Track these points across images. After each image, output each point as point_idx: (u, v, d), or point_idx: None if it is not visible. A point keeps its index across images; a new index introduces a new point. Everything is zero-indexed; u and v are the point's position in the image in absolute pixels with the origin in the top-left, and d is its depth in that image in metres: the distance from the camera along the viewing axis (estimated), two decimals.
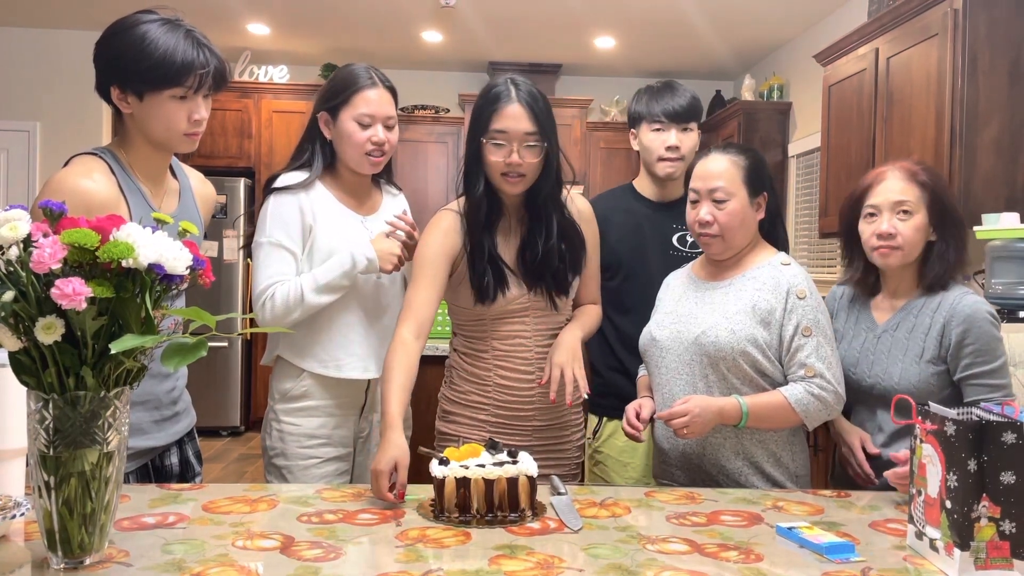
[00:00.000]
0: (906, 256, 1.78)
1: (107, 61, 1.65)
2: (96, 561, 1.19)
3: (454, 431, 1.97)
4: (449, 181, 6.67)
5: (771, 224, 1.93)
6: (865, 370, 1.82)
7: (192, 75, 1.63)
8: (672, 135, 2.23)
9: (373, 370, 2.03)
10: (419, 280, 1.88)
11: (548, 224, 1.91)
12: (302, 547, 1.29)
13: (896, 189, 1.79)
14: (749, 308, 1.80)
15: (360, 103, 1.96)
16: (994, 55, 3.25)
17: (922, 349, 1.75)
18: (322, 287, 1.92)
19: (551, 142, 1.87)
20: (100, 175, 1.63)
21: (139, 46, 1.60)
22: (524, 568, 1.22)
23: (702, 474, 1.84)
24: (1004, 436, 1.23)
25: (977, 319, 1.72)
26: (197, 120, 1.68)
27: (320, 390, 2.00)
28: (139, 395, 1.69)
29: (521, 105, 1.84)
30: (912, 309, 1.80)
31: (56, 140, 6.13)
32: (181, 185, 1.83)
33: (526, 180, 1.86)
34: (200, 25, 1.73)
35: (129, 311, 1.14)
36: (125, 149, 1.71)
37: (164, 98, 1.64)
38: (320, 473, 2.00)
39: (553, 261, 1.91)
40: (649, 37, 5.94)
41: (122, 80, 1.64)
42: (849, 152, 4.15)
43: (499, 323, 1.92)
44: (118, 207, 1.61)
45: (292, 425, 2.00)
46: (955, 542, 1.24)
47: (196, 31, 1.67)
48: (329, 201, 2.02)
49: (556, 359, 1.86)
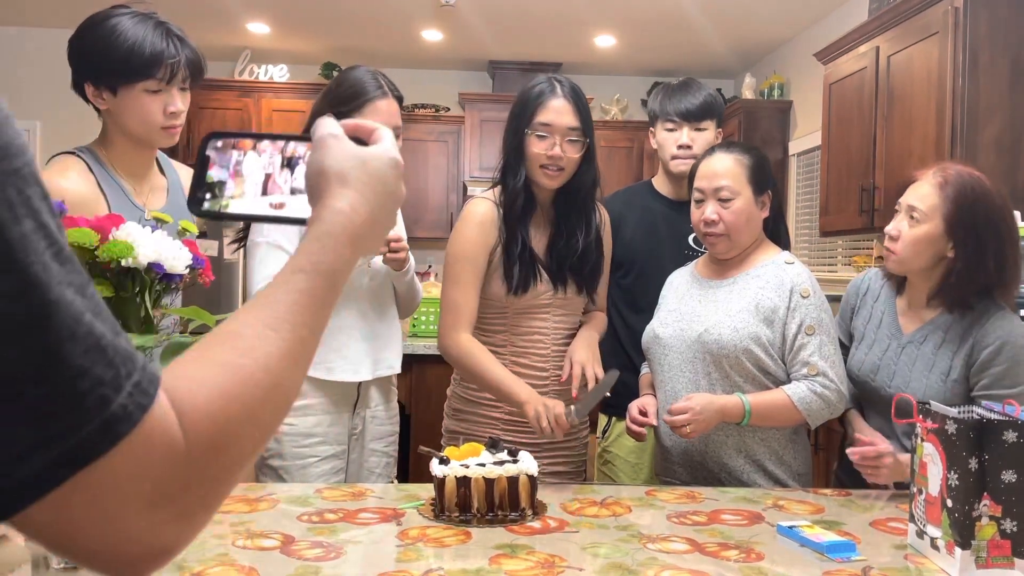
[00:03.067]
0: (900, 263, 1.72)
1: (79, 57, 1.64)
2: None
3: (465, 429, 1.97)
4: (449, 179, 6.67)
5: (774, 223, 1.93)
6: (886, 379, 1.76)
7: (162, 66, 1.60)
8: (684, 134, 2.22)
9: (363, 372, 2.04)
10: (462, 280, 1.90)
11: (588, 220, 1.96)
12: (302, 546, 1.29)
13: (918, 193, 1.70)
14: (752, 306, 1.79)
15: (371, 114, 1.93)
16: (995, 53, 3.25)
17: (949, 368, 1.68)
18: None
19: (591, 139, 1.92)
20: (75, 173, 1.63)
21: (108, 39, 1.58)
22: (525, 567, 1.22)
23: (704, 472, 1.84)
24: (1005, 435, 1.23)
25: (1010, 343, 1.63)
26: (173, 112, 1.66)
27: (313, 389, 2.01)
28: None
29: (566, 100, 1.88)
30: (941, 325, 1.72)
31: (56, 140, 6.11)
32: (169, 181, 1.81)
33: (564, 174, 1.90)
34: (200, 24, 1.75)
35: (129, 310, 1.14)
36: (105, 147, 1.70)
37: (137, 91, 1.62)
38: (317, 472, 2.01)
39: (591, 256, 1.96)
40: (649, 36, 5.94)
41: (95, 75, 1.63)
42: (850, 151, 4.14)
43: (521, 317, 1.95)
44: (96, 204, 1.60)
45: (288, 425, 2.00)
46: (956, 541, 1.23)
47: (170, 24, 1.65)
48: None
49: (577, 357, 1.88)
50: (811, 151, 5.54)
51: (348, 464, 2.10)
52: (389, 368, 2.11)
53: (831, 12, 5.26)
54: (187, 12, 5.49)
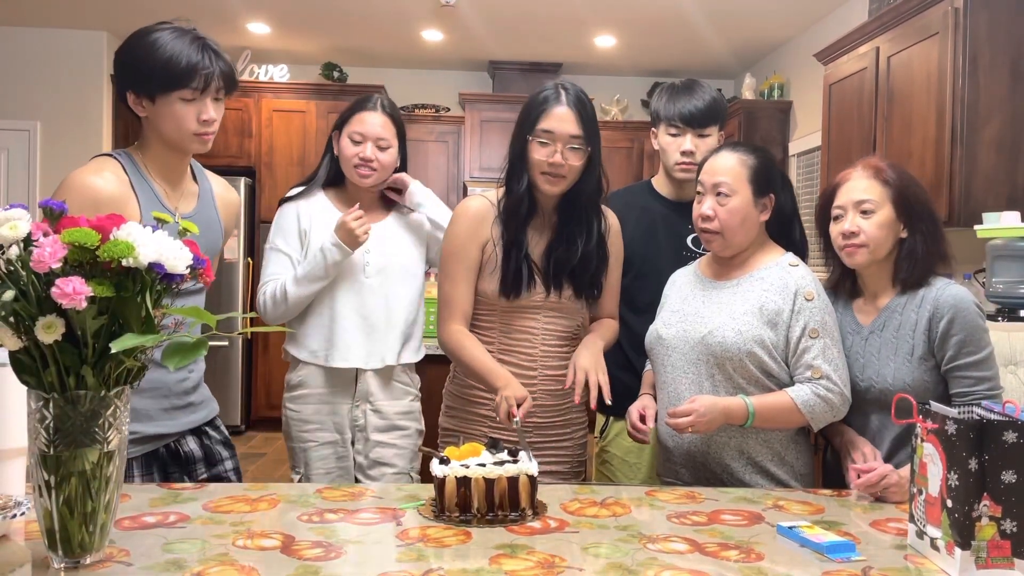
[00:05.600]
0: (872, 253, 1.77)
1: (123, 67, 1.77)
2: (96, 560, 1.19)
3: (456, 426, 2.02)
4: (449, 179, 6.67)
5: (788, 226, 1.93)
6: (857, 373, 1.80)
7: (197, 76, 1.72)
8: (688, 140, 2.20)
9: (356, 360, 2.20)
10: (455, 274, 1.97)
11: (589, 227, 1.98)
12: (302, 546, 1.29)
13: (859, 188, 1.78)
14: (756, 309, 1.79)
15: (355, 123, 2.21)
16: (995, 54, 3.25)
17: (912, 347, 1.74)
18: (300, 279, 2.15)
19: (595, 147, 1.94)
20: (109, 172, 1.72)
21: (149, 51, 1.71)
22: (524, 567, 1.22)
23: (707, 473, 1.84)
24: (1005, 435, 1.23)
25: (961, 309, 1.70)
26: (206, 120, 1.76)
27: (313, 379, 2.21)
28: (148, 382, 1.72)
29: (570, 108, 1.90)
30: (895, 308, 1.78)
31: (56, 140, 6.13)
32: (201, 189, 1.91)
33: (566, 181, 1.92)
34: (200, 24, 1.82)
35: (129, 310, 1.14)
36: (142, 151, 1.81)
37: (173, 100, 1.73)
38: (317, 456, 2.21)
39: (591, 264, 1.98)
40: (649, 36, 5.94)
41: (136, 84, 1.74)
42: (850, 151, 4.14)
43: (510, 316, 1.97)
44: (127, 202, 1.70)
45: (292, 411, 2.24)
46: (956, 541, 1.23)
47: (207, 39, 1.76)
48: (328, 210, 2.24)
49: (581, 363, 1.90)
50: (811, 151, 5.54)
51: (354, 454, 2.25)
52: (381, 360, 2.22)
53: (831, 12, 5.26)
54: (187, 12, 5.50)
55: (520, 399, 1.79)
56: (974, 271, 3.32)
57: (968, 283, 3.24)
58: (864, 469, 1.64)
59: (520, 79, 6.73)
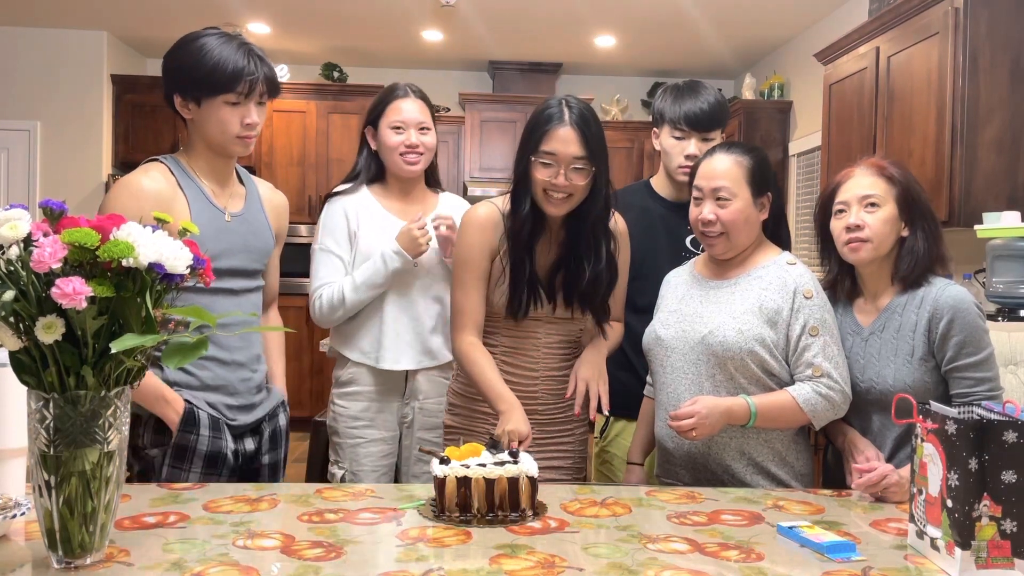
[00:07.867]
0: (876, 249, 1.76)
1: (171, 71, 1.82)
2: (96, 561, 1.19)
3: (459, 423, 2.03)
4: (450, 180, 6.67)
5: (775, 224, 1.92)
6: (857, 374, 1.80)
7: (242, 81, 1.77)
8: (692, 144, 2.19)
9: (405, 362, 2.21)
10: (466, 283, 1.96)
11: (598, 248, 1.95)
12: (303, 547, 1.29)
13: (863, 184, 1.79)
14: (756, 308, 1.79)
15: (392, 112, 2.21)
16: (995, 54, 3.25)
17: (912, 347, 1.73)
18: (359, 286, 2.16)
19: (600, 166, 1.89)
20: (157, 173, 1.80)
21: (197, 56, 1.77)
22: (525, 567, 1.22)
23: (707, 473, 1.84)
24: (1005, 435, 1.23)
25: (961, 309, 1.70)
26: (249, 124, 1.82)
27: (364, 377, 2.23)
28: (213, 379, 1.83)
29: (572, 128, 1.85)
30: (895, 308, 1.78)
31: (56, 140, 6.13)
32: (248, 191, 1.96)
33: (570, 201, 1.89)
34: (200, 24, 1.84)
35: (129, 310, 1.14)
36: (188, 154, 1.87)
37: (218, 103, 1.78)
38: (365, 452, 2.22)
39: (600, 286, 1.95)
40: (649, 36, 5.94)
41: (183, 88, 1.80)
42: (850, 151, 4.14)
43: (515, 324, 1.98)
44: (174, 200, 1.77)
45: (342, 407, 2.25)
46: (956, 541, 1.23)
47: (252, 45, 1.82)
48: (374, 207, 2.25)
49: (582, 374, 1.90)
50: (811, 151, 5.54)
51: (400, 450, 2.29)
52: (432, 360, 2.25)
53: (831, 12, 5.26)
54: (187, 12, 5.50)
55: (522, 436, 1.76)
56: (974, 271, 3.32)
57: (968, 283, 3.24)
58: (865, 469, 1.64)
59: (520, 79, 6.73)
